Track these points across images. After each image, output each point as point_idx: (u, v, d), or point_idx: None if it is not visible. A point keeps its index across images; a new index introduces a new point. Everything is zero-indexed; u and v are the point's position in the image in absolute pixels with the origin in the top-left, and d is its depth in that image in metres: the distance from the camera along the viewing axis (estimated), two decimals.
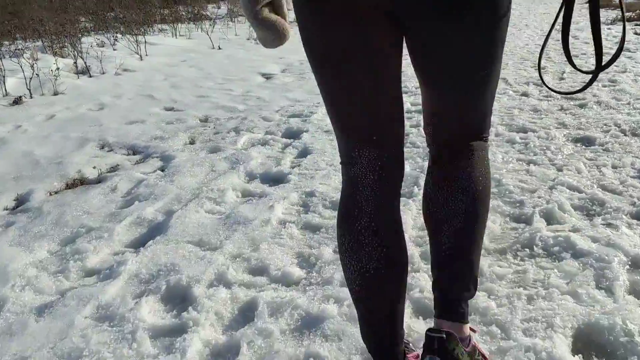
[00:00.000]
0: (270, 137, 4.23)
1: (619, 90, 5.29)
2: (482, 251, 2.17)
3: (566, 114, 4.62)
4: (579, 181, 3.13)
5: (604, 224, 2.62)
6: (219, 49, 8.57)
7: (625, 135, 3.94)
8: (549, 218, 2.71)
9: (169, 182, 3.36)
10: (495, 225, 2.67)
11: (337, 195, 3.05)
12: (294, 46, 1.87)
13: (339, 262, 1.56)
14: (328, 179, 3.33)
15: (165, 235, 2.67)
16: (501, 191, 3.01)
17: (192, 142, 4.20)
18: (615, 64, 6.66)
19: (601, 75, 6.01)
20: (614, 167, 3.35)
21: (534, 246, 2.42)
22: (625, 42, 8.26)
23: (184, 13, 12.94)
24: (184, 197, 3.13)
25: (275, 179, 3.44)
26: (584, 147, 3.78)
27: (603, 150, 3.66)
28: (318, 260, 2.38)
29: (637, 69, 6.23)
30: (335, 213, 2.34)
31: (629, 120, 4.22)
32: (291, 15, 1.27)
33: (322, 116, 4.81)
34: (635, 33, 9.06)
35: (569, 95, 1.54)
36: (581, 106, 4.82)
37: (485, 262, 2.32)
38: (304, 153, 3.87)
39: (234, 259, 2.43)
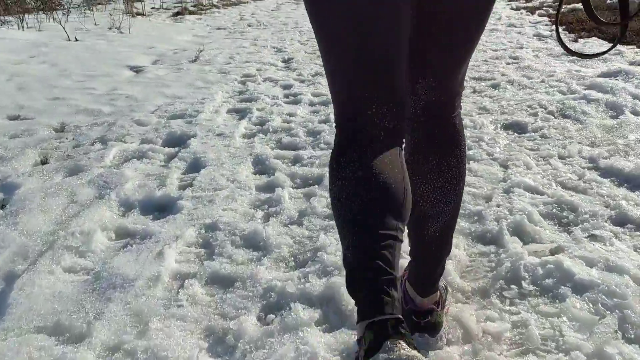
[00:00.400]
0: (149, 146, 3.34)
1: (525, 67, 4.98)
2: (461, 296, 1.79)
3: (482, 96, 4.19)
4: (535, 179, 2.64)
5: (587, 237, 2.12)
6: (76, 40, 7.31)
7: (555, 117, 3.55)
8: (521, 234, 2.18)
9: (10, 226, 2.40)
10: (459, 250, 2.07)
11: (248, 227, 2.30)
12: (165, 34, 1.07)
13: (271, 339, 1.60)
14: (233, 201, 2.56)
15: (2, 321, 1.77)
16: None
17: (44, 162, 3.20)
18: (509, 39, 6.46)
19: (502, 52, 5.72)
20: (562, 157, 2.91)
21: (522, 280, 1.85)
22: (508, 18, 8.21)
23: (32, 2, 11.22)
24: (32, 249, 2.22)
25: (161, 207, 2.61)
26: (517, 135, 3.34)
27: (541, 138, 3.22)
28: (239, 340, 1.63)
29: (532, 44, 6.02)
30: (251, 251, 2.13)
31: (552, 100, 3.86)
32: None
33: (211, 115, 3.99)
34: (512, 8, 9.05)
35: (569, 55, 1.29)
36: (494, 87, 4.43)
37: (466, 313, 1.71)
38: (195, 166, 3.05)
39: (110, 354, 1.61)
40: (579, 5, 8.36)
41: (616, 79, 4.14)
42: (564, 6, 8.29)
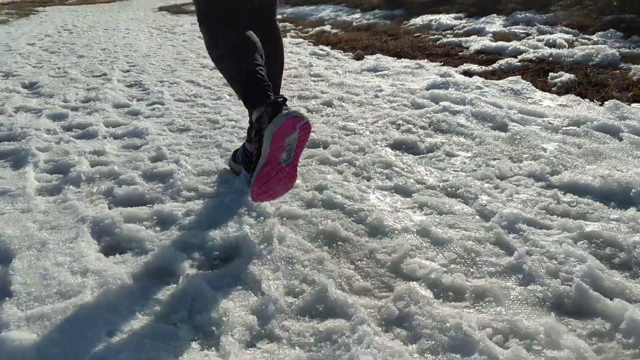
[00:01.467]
0: None
1: (340, 84, 4.51)
2: None
3: (325, 115, 3.53)
4: (532, 212, 2.07)
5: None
6: None
7: (437, 132, 3.10)
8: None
9: None
10: None
11: None
12: None
13: None
14: None
15: None
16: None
17: None
18: (293, 59, 5.97)
19: (301, 70, 5.18)
20: (503, 176, 2.42)
21: None
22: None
23: None
24: None
25: None
26: (419, 156, 2.76)
27: (449, 156, 2.70)
28: None
29: (321, 62, 5.66)
30: None
31: (412, 115, 3.42)
32: None
33: None
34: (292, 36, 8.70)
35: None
36: (327, 104, 3.82)
37: None
38: None
39: None
40: (326, 28, 8.44)
41: (447, 90, 3.95)
42: (316, 28, 8.25)
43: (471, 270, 1.69)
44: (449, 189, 2.29)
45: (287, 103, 1.74)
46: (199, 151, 2.88)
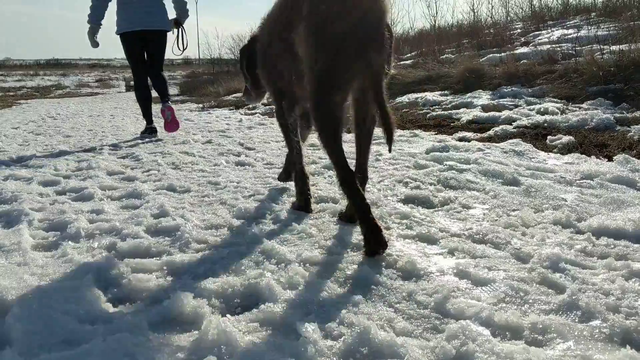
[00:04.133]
0: None
1: None
2: None
3: (327, 177, 3.45)
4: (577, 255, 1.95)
5: None
6: None
7: (447, 188, 3.02)
8: None
9: None
10: None
11: None
12: None
13: None
14: None
15: None
16: None
17: None
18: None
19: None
20: (527, 225, 2.32)
21: None
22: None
23: None
24: None
25: None
26: (432, 210, 2.65)
27: (463, 208, 2.60)
28: None
29: None
30: None
31: (418, 174, 3.35)
32: None
33: None
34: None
35: None
36: (326, 167, 3.74)
37: None
38: None
39: None
40: None
41: (448, 152, 3.92)
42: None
43: (523, 308, 1.55)
44: (475, 236, 2.17)
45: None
46: (204, 208, 2.74)
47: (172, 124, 6.14)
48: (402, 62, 12.50)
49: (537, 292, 1.64)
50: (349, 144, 2.50)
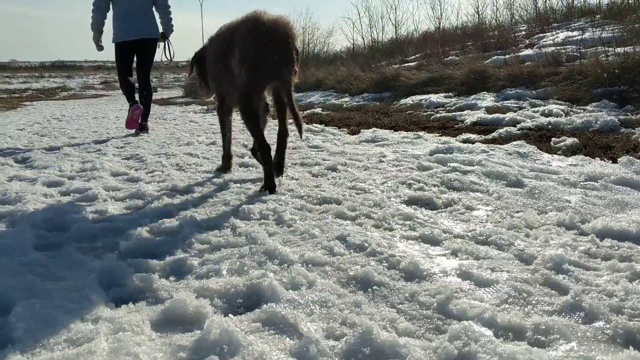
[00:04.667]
0: None
1: (340, 153, 4.47)
2: None
3: (331, 178, 3.44)
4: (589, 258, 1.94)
5: None
6: None
7: (450, 190, 3.01)
8: None
9: None
10: None
11: None
12: None
13: None
14: None
15: None
16: None
17: None
18: None
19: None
20: (531, 226, 2.32)
21: None
22: None
23: None
24: None
25: None
26: (436, 211, 2.65)
27: (466, 209, 2.60)
28: None
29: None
30: None
31: (422, 175, 3.34)
32: None
33: None
34: None
35: None
36: (331, 169, 3.74)
37: None
38: None
39: None
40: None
41: (451, 154, 3.92)
42: (307, 111, 8.34)
43: (526, 309, 1.54)
44: (479, 237, 2.17)
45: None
46: (207, 209, 2.74)
47: (134, 123, 6.65)
48: (406, 64, 12.52)
49: (540, 293, 1.64)
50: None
